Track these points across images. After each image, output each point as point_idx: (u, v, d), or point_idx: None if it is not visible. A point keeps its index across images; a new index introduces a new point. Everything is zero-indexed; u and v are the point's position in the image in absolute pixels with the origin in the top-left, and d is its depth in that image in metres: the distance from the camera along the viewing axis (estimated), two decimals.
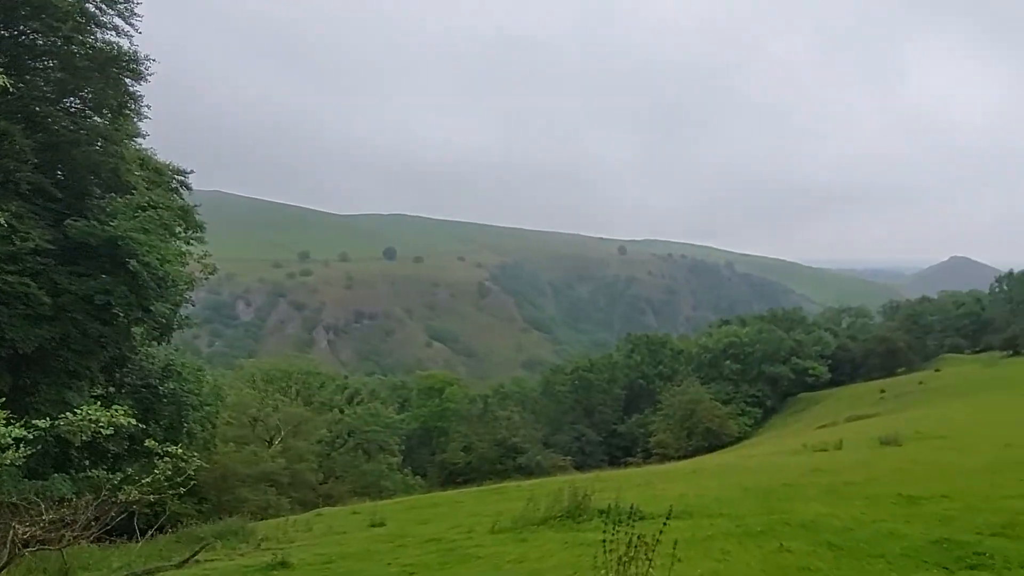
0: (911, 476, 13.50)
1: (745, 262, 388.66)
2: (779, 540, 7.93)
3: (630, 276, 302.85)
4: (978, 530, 8.04)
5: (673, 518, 10.44)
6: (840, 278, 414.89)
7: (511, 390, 75.80)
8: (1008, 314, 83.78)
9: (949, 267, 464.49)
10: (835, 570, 6.65)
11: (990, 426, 25.49)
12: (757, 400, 73.23)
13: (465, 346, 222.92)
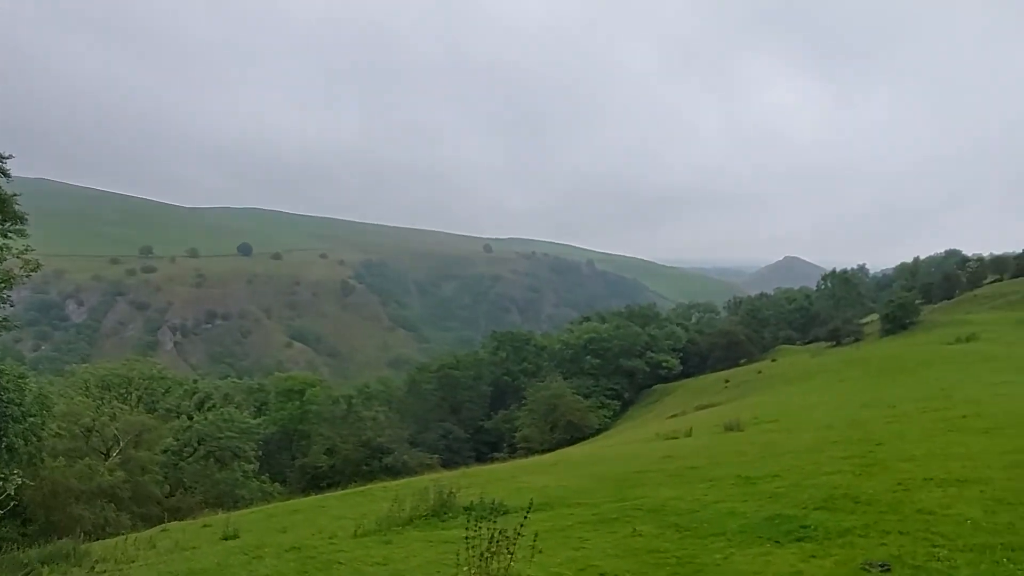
0: (748, 458, 14.67)
1: (604, 261, 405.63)
2: (632, 525, 8.37)
3: (495, 274, 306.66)
4: (803, 505, 8.89)
5: (535, 510, 10.73)
6: (690, 276, 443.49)
7: (376, 390, 74.40)
8: (831, 308, 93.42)
9: (783, 266, 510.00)
10: (680, 549, 7.11)
11: (814, 409, 28.18)
12: (615, 393, 76.62)
13: (328, 346, 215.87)
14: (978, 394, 25.63)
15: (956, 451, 12.88)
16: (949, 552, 6.38)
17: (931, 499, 8.65)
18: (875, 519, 7.82)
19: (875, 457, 12.86)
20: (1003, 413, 18.48)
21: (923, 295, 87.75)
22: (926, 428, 17.48)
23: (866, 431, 17.76)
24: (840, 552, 6.65)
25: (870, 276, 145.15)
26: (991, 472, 10.05)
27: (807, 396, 37.06)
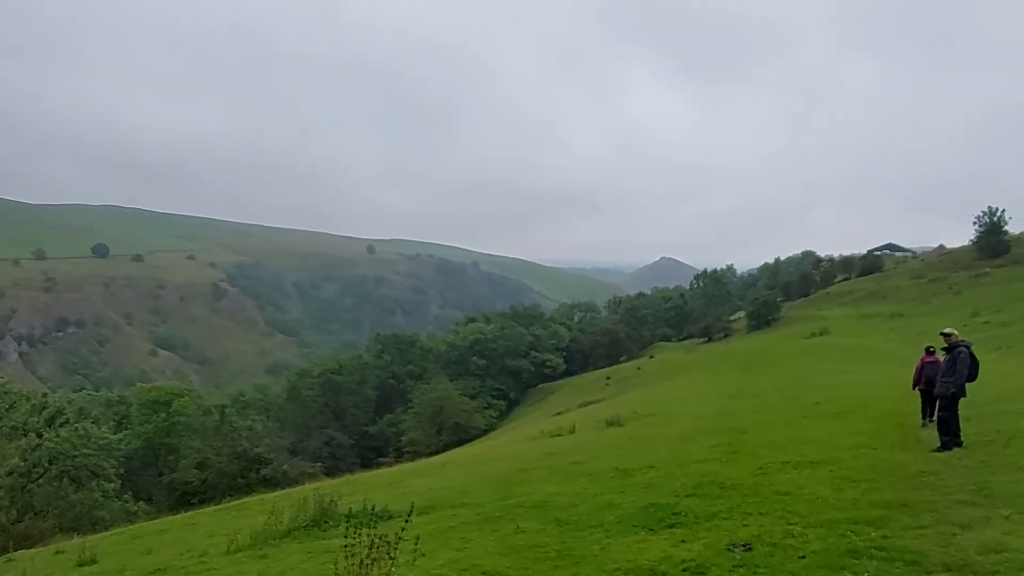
0: (626, 452, 15.22)
1: (488, 261, 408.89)
2: (515, 522, 8.45)
3: (378, 276, 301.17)
4: (676, 493, 9.33)
5: (419, 513, 10.60)
6: (572, 276, 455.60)
7: (253, 397, 70.94)
8: (704, 306, 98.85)
9: (660, 267, 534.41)
10: (560, 543, 7.25)
11: (688, 402, 29.68)
12: (502, 393, 77.30)
13: (198, 353, 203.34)
14: (829, 383, 28.01)
15: (810, 435, 13.98)
16: (803, 528, 6.90)
17: (788, 481, 9.33)
18: (739, 502, 8.33)
19: (740, 444, 13.73)
20: (850, 399, 20.28)
21: (783, 293, 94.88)
22: (785, 415, 18.86)
23: (734, 420, 18.91)
24: (707, 535, 7.02)
25: (738, 275, 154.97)
26: (839, 453, 10.99)
27: (682, 390, 38.91)
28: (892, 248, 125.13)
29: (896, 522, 6.78)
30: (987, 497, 7.31)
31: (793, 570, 5.70)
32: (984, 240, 75.53)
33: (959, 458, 9.67)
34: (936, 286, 70.30)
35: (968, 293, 62.76)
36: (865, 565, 5.59)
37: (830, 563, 5.76)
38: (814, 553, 6.05)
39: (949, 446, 10.56)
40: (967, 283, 67.06)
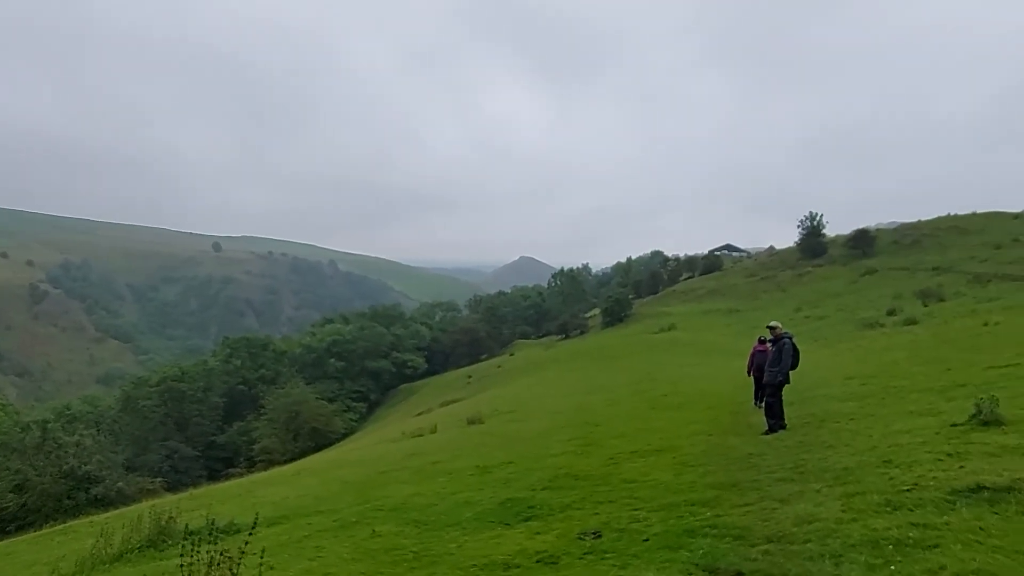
0: (487, 449, 15.41)
1: (346, 260, 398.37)
2: (372, 527, 8.31)
3: (227, 276, 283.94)
4: (532, 487, 9.58)
5: (270, 524, 10.14)
6: (433, 276, 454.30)
7: (81, 410, 64.48)
8: (561, 304, 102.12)
9: (519, 266, 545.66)
10: (418, 544, 7.23)
11: (546, 398, 30.50)
12: (362, 395, 75.57)
13: (15, 363, 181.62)
14: (675, 375, 29.88)
15: (656, 425, 14.85)
16: (647, 513, 7.33)
17: (634, 469, 9.87)
18: (590, 492, 8.70)
19: (593, 437, 14.32)
20: (692, 391, 21.75)
21: (635, 291, 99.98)
22: (635, 408, 19.88)
23: (588, 414, 19.67)
24: (561, 526, 7.28)
25: (593, 274, 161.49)
26: (680, 441, 11.77)
27: (541, 386, 39.89)
28: (730, 248, 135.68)
29: (727, 501, 7.38)
30: (802, 473, 8.13)
31: (637, 552, 6.05)
32: (806, 242, 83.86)
33: (781, 440, 10.68)
34: (766, 284, 77.10)
35: (792, 290, 69.41)
36: (699, 543, 6.05)
37: (670, 543, 6.17)
38: (656, 535, 6.46)
39: (775, 429, 11.65)
40: (792, 281, 74.13)
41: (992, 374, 14.18)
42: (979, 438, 8.44)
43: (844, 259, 76.85)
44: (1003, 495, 5.99)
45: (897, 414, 11.35)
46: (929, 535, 5.37)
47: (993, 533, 5.21)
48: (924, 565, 4.83)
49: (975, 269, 57.58)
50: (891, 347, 25.83)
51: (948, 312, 39.82)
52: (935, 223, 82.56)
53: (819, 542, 5.62)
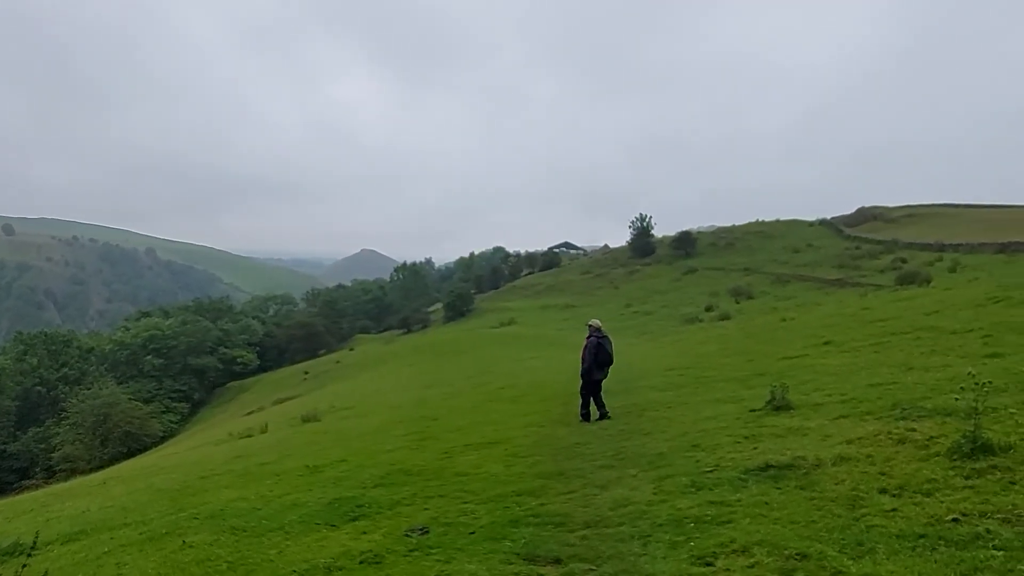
0: (320, 447, 14.90)
1: (168, 249, 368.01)
2: (183, 537, 7.72)
3: (22, 263, 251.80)
4: (363, 485, 9.38)
5: (66, 541, 9.13)
6: (267, 267, 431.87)
7: None
8: (403, 298, 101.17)
9: (360, 259, 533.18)
10: (235, 553, 6.81)
11: (386, 393, 30.12)
12: (184, 395, 70.22)
13: None
14: (513, 369, 30.63)
15: (492, 418, 15.13)
16: (475, 505, 7.44)
17: (468, 462, 9.99)
18: (422, 487, 8.68)
19: (430, 431, 14.32)
20: (528, 383, 22.39)
21: (476, 286, 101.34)
22: (474, 401, 20.14)
23: (427, 408, 19.65)
24: (389, 523, 7.19)
25: (436, 268, 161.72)
26: (513, 432, 12.08)
27: (381, 381, 39.34)
28: (568, 246, 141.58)
29: (552, 490, 7.68)
30: (621, 460, 8.66)
31: (463, 546, 6.12)
32: (636, 242, 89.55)
33: (605, 428, 11.30)
34: (600, 281, 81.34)
35: (623, 287, 73.79)
36: (523, 532, 6.24)
37: (494, 534, 6.30)
38: (482, 527, 6.57)
39: (601, 417, 12.42)
40: (623, 278, 78.78)
41: (785, 364, 15.91)
42: (771, 422, 9.43)
43: (669, 259, 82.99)
44: (785, 472, 6.74)
45: (706, 402, 12.40)
46: (724, 511, 5.92)
47: (775, 507, 5.85)
48: (718, 539, 5.32)
49: (777, 270, 64.50)
50: (706, 340, 28.21)
51: (754, 309, 44.29)
52: (745, 228, 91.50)
53: (631, 524, 6.01)
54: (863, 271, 55.19)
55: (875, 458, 6.79)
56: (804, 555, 4.76)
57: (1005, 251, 48.63)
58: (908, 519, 5.14)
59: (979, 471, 5.86)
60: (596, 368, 12.78)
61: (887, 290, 38.21)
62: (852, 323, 22.70)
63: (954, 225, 71.43)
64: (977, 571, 4.16)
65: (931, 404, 8.52)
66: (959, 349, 13.62)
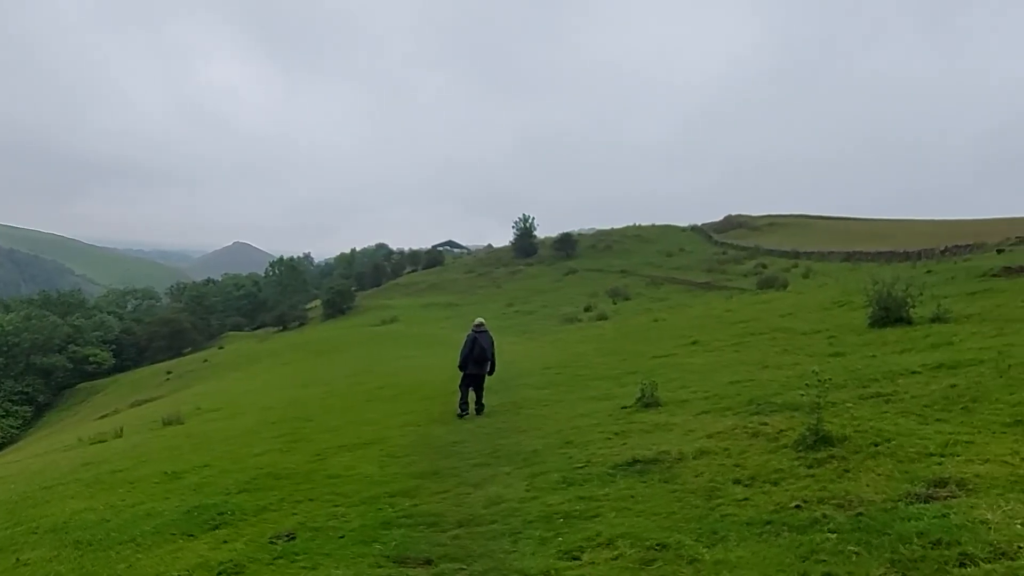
0: (181, 452, 13.98)
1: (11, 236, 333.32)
2: (17, 554, 6.99)
3: None
4: (226, 491, 8.88)
5: None
6: (127, 259, 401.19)
7: None
8: (279, 294, 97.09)
9: (233, 252, 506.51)
10: (77, 569, 6.25)
11: (258, 394, 28.79)
12: (27, 397, 63.85)
13: None
14: (394, 367, 30.20)
15: (369, 417, 14.83)
16: (346, 509, 7.24)
17: (340, 464, 9.72)
18: (291, 492, 8.34)
19: (303, 433, 13.81)
20: (408, 382, 22.16)
21: (357, 283, 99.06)
22: (351, 401, 19.66)
23: (302, 409, 18.95)
24: (252, 531, 6.85)
25: (315, 264, 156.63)
26: (389, 432, 11.90)
27: (253, 381, 37.65)
28: (452, 245, 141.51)
29: (426, 490, 7.62)
30: (497, 458, 8.74)
31: (331, 551, 5.93)
32: (519, 242, 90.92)
33: (483, 427, 11.36)
34: (483, 280, 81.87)
35: (506, 286, 74.65)
36: (394, 534, 6.14)
37: (365, 537, 6.15)
38: (353, 531, 6.40)
39: (477, 412, 12.87)
40: (506, 278, 79.71)
41: (655, 363, 16.69)
42: (640, 418, 9.85)
43: (551, 259, 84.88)
44: (650, 466, 7.05)
45: (581, 399, 12.77)
46: (592, 506, 6.10)
47: (639, 500, 6.11)
48: (585, 533, 5.47)
49: (651, 273, 67.58)
50: (584, 340, 29.07)
51: (630, 309, 46.15)
52: (623, 231, 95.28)
53: (503, 521, 6.06)
54: (729, 275, 58.90)
55: (731, 451, 7.25)
56: (664, 545, 4.99)
57: (850, 259, 53.60)
58: (757, 507, 5.52)
59: (819, 461, 6.39)
60: (472, 363, 13.10)
61: (749, 293, 40.98)
62: (717, 324, 24.19)
63: (809, 234, 77.92)
64: (814, 553, 4.53)
65: (781, 400, 9.21)
66: (808, 348, 14.84)
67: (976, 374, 8.99)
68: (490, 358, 13.40)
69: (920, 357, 11.02)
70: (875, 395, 8.72)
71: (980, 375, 8.90)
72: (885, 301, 15.78)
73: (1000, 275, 21.29)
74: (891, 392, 8.77)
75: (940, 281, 22.10)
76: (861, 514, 5.00)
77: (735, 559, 4.63)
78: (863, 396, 8.76)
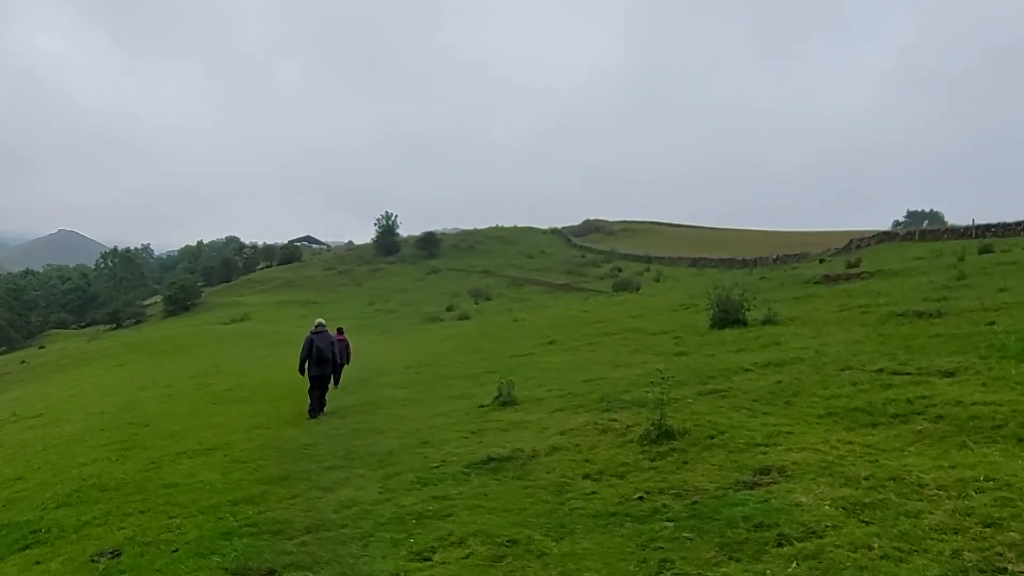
0: None
1: None
2: None
3: None
4: (43, 506, 8.01)
5: None
6: None
7: None
8: (113, 289, 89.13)
9: (58, 241, 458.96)
10: None
11: (88, 397, 26.27)
12: None
13: None
14: (244, 368, 28.62)
15: (213, 421, 13.95)
16: (182, 520, 6.73)
17: (179, 471, 9.05)
18: (120, 504, 7.65)
19: (137, 439, 12.74)
20: (259, 383, 21.08)
21: (205, 278, 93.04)
22: (194, 403, 18.41)
23: (139, 413, 17.51)
24: (71, 549, 6.21)
25: (155, 257, 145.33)
26: (236, 436, 11.23)
27: (82, 384, 34.27)
28: (310, 240, 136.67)
29: (273, 496, 7.24)
30: (351, 460, 8.49)
31: (162, 566, 5.48)
32: (381, 240, 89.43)
33: (338, 428, 11.01)
34: (343, 277, 79.72)
35: (367, 284, 73.14)
36: (235, 544, 5.77)
37: (202, 549, 5.74)
38: (188, 543, 5.96)
39: (319, 411, 12.76)
40: (367, 276, 78.10)
41: (514, 362, 17.00)
42: (497, 416, 9.97)
43: (413, 258, 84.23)
44: (504, 464, 7.15)
45: (440, 398, 12.74)
46: (445, 506, 6.08)
47: (492, 497, 6.17)
48: (438, 533, 5.44)
49: (513, 274, 68.90)
50: (445, 339, 29.08)
51: (492, 309, 46.77)
52: (486, 232, 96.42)
53: (354, 525, 5.89)
54: (587, 277, 61.28)
55: (582, 447, 7.51)
56: (514, 541, 5.06)
57: (696, 265, 57.63)
58: (604, 500, 5.75)
59: (662, 454, 6.77)
60: (313, 364, 12.90)
61: (605, 295, 42.86)
62: (574, 324, 25.08)
63: (660, 241, 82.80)
64: (653, 541, 4.78)
65: (630, 397, 9.68)
66: (656, 348, 15.74)
67: (797, 371, 9.94)
68: (330, 358, 13.18)
69: (752, 356, 12.01)
70: (713, 391, 9.40)
71: (800, 372, 9.84)
72: (724, 304, 17.12)
73: (820, 282, 23.74)
74: (726, 388, 9.48)
75: (772, 287, 24.24)
76: (696, 502, 5.35)
77: (581, 551, 4.79)
78: (702, 392, 9.41)
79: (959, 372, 8.42)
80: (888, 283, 20.00)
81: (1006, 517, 4.19)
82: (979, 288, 15.85)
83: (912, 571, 3.73)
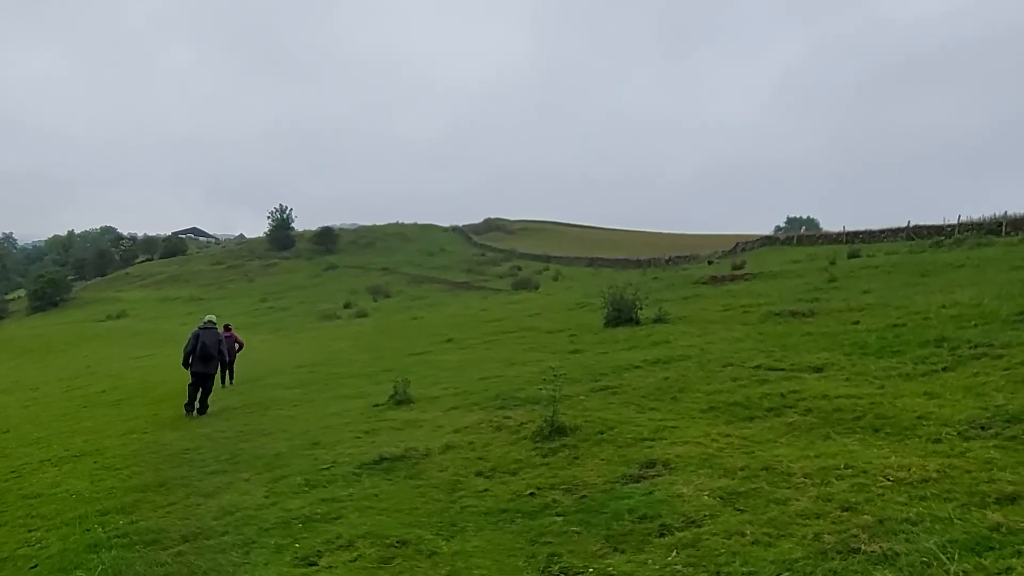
0: None
1: None
2: None
3: None
4: None
5: None
6: None
7: None
8: None
9: None
10: None
11: None
12: None
13: None
14: (120, 368, 26.86)
15: (84, 426, 13.02)
16: (44, 533, 6.23)
17: (43, 481, 8.37)
18: None
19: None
20: (137, 384, 19.84)
21: (76, 271, 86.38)
22: (63, 407, 17.14)
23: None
24: None
25: (19, 247, 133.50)
26: (108, 442, 10.51)
27: None
28: (197, 232, 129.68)
29: (148, 504, 6.81)
30: (235, 464, 8.11)
31: None
32: (275, 234, 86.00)
33: (222, 431, 10.50)
34: (233, 272, 76.13)
35: (260, 280, 70.19)
36: (103, 557, 5.37)
37: (65, 565, 5.33)
38: (50, 558, 5.51)
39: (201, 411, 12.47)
40: (260, 271, 74.95)
41: (411, 360, 16.84)
42: (392, 416, 9.84)
43: (309, 254, 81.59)
44: (397, 463, 7.06)
45: (333, 398, 12.43)
46: (335, 508, 5.93)
47: (383, 498, 6.07)
48: (325, 536, 5.29)
49: (412, 271, 68.16)
50: (341, 337, 28.41)
51: (390, 307, 46.06)
52: (385, 229, 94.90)
53: (235, 532, 5.63)
54: (486, 276, 61.52)
55: (476, 444, 7.53)
56: (404, 542, 5.00)
57: (593, 264, 59.15)
58: (496, 497, 5.79)
59: (554, 450, 6.90)
60: (197, 361, 12.49)
61: (504, 294, 43.23)
62: (472, 323, 25.14)
63: (559, 240, 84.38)
64: (542, 536, 4.86)
65: (524, 394, 9.80)
66: (551, 346, 16.02)
67: (683, 368, 10.40)
68: (216, 356, 12.72)
69: (642, 353, 12.47)
70: (604, 388, 9.68)
71: (686, 369, 10.31)
72: (618, 304, 17.68)
73: (708, 283, 24.96)
74: (617, 385, 9.79)
75: (663, 287, 25.24)
76: (584, 496, 5.48)
77: (471, 548, 4.80)
78: (594, 389, 9.67)
79: (826, 368, 9.09)
80: (768, 284, 21.29)
81: (861, 501, 4.55)
82: (847, 290, 17.17)
83: (779, 555, 3.98)
